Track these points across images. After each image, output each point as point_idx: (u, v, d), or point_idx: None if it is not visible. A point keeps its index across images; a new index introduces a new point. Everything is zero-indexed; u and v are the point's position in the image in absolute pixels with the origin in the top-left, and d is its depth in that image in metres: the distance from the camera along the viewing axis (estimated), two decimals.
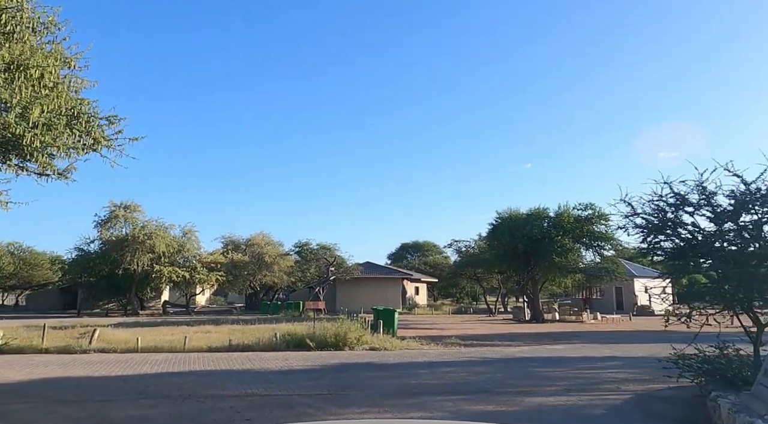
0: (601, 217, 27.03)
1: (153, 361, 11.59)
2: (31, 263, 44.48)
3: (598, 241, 27.77)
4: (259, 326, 21.23)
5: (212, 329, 19.83)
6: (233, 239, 43.38)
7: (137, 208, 34.49)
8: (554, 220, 27.52)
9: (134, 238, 32.70)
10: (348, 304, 39.54)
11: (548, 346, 15.42)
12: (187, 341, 14.18)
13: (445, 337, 18.67)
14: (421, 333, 20.58)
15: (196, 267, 34.97)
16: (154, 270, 32.66)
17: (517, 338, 18.39)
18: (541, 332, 21.79)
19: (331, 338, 14.19)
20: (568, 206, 27.65)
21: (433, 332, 21.57)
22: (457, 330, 22.47)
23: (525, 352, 13.86)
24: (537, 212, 28.03)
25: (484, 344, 16.39)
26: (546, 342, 16.84)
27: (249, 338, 15.17)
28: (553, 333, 20.83)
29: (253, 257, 40.21)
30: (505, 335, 20.20)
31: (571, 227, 26.58)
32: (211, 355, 12.78)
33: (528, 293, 28.95)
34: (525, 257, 28.14)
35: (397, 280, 41.94)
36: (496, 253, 29.07)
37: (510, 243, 27.21)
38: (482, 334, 20.56)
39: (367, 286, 40.75)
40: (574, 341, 17.20)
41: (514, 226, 27.24)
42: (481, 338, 18.55)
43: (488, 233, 29.15)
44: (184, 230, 37.13)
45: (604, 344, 15.98)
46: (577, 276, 30.52)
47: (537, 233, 26.65)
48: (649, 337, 19.17)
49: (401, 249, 76.27)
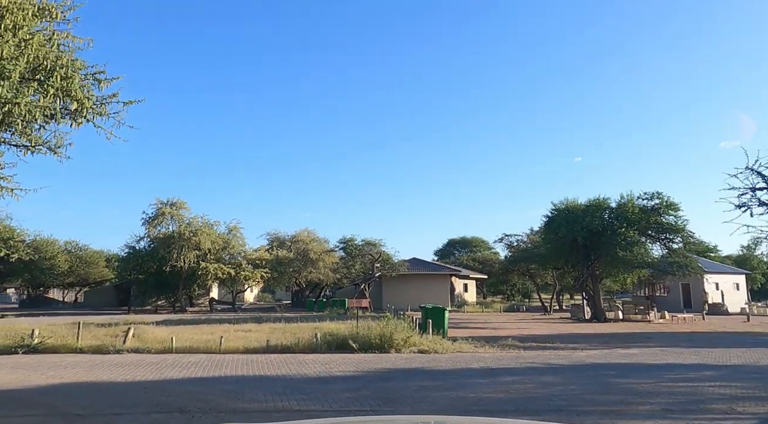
0: (670, 206, 24.62)
1: (184, 364, 10.73)
2: (87, 261, 45.69)
3: (667, 233, 25.34)
4: (301, 324, 20.33)
5: (253, 328, 19.06)
6: (278, 235, 43.10)
7: (183, 206, 34.57)
8: (616, 211, 25.29)
9: (180, 235, 32.72)
10: (394, 301, 38.35)
11: (621, 350, 13.62)
12: (225, 341, 13.33)
13: (500, 338, 17.12)
14: (472, 333, 19.09)
15: (241, 264, 34.72)
16: (200, 267, 32.58)
17: (581, 340, 16.61)
18: (606, 332, 19.83)
19: (376, 339, 12.98)
20: (631, 196, 25.36)
21: (485, 331, 20.03)
22: (512, 330, 20.82)
23: (595, 357, 12.18)
24: (597, 202, 25.85)
25: (545, 346, 14.75)
26: (616, 345, 15.01)
27: (289, 338, 14.19)
28: (621, 334, 18.85)
29: (298, 253, 39.71)
30: (565, 335, 18.42)
31: (636, 218, 24.30)
32: (246, 357, 11.82)
33: (588, 290, 26.81)
34: (584, 251, 26.03)
35: (445, 276, 40.40)
36: (552, 247, 27.06)
37: (568, 236, 25.19)
38: (540, 334, 18.85)
39: (414, 283, 39.44)
40: (649, 344, 15.26)
41: (572, 218, 25.20)
42: (540, 339, 16.88)
43: (543, 225, 27.20)
44: (229, 227, 37.02)
45: (687, 348, 14.01)
46: (642, 272, 28.06)
47: (598, 225, 24.53)
48: (735, 339, 16.94)
49: (448, 245, 74.50)
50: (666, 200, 24.72)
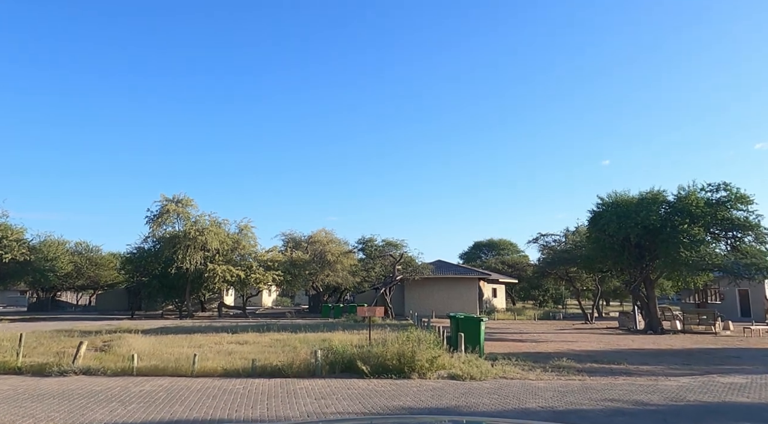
0: (741, 199, 20.96)
1: (131, 395, 7.92)
2: (97, 263, 43.84)
3: (735, 230, 21.64)
4: (309, 335, 17.48)
5: (252, 339, 16.27)
6: (294, 236, 40.46)
7: (190, 203, 32.13)
8: (676, 205, 21.72)
9: (186, 234, 30.28)
10: (417, 307, 35.36)
11: (718, 377, 10.29)
12: (204, 359, 10.53)
13: (548, 355, 13.92)
14: (512, 347, 15.91)
15: (252, 266, 32.09)
16: (207, 269, 30.07)
17: (651, 359, 13.29)
18: (673, 348, 16.38)
19: (394, 360, 9.98)
20: (694, 187, 21.76)
21: (526, 345, 16.82)
22: (557, 344, 17.55)
23: (694, 390, 8.91)
24: (652, 195, 22.30)
25: (612, 369, 11.51)
26: (704, 369, 11.66)
27: (286, 354, 11.30)
28: (695, 351, 15.40)
29: (314, 255, 36.96)
30: (626, 352, 15.08)
31: (701, 213, 20.71)
32: (220, 384, 8.96)
33: (642, 296, 23.25)
34: (637, 251, 22.51)
35: (473, 280, 37.09)
36: (599, 246, 23.56)
37: (618, 234, 21.74)
38: (595, 350, 15.55)
39: (439, 287, 36.32)
40: (746, 367, 11.84)
41: (622, 213, 21.72)
42: (599, 357, 13.62)
43: (589, 222, 23.70)
44: (239, 226, 34.46)
45: None
46: (709, 276, 24.34)
47: (655, 221, 21.02)
48: None
49: (474, 248, 70.91)
50: (735, 192, 21.08)
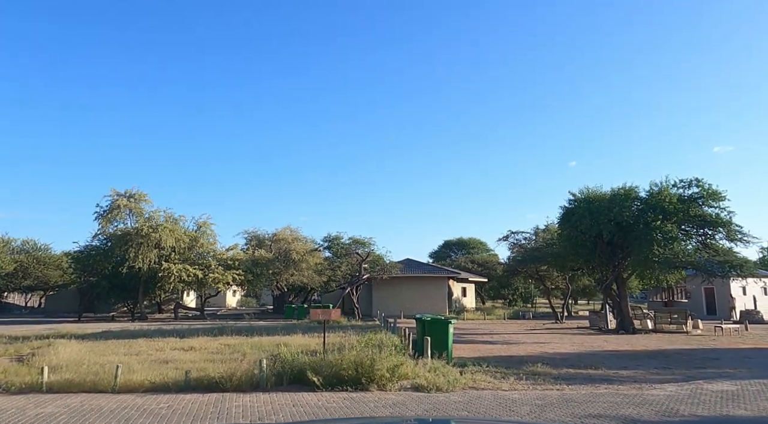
0: (713, 195, 20.54)
1: (22, 422, 6.46)
2: (45, 262, 41.15)
3: (707, 227, 21.22)
4: (264, 338, 16.08)
5: (199, 344, 14.78)
6: (257, 234, 38.77)
7: (143, 198, 30.16)
8: (649, 201, 21.17)
9: (139, 231, 28.34)
10: (386, 307, 34.20)
11: (705, 384, 9.42)
12: (131, 371, 9.08)
13: (520, 358, 12.94)
14: (482, 350, 14.89)
15: (211, 265, 30.33)
16: (162, 268, 28.19)
17: (628, 363, 12.45)
18: (649, 349, 15.66)
19: (350, 370, 8.76)
20: (666, 183, 21.24)
21: (497, 347, 15.84)
22: (529, 345, 16.65)
23: (683, 401, 7.98)
24: (624, 191, 21.71)
25: (591, 375, 10.56)
26: (685, 373, 10.83)
27: (230, 363, 9.91)
28: (672, 353, 14.69)
29: (279, 253, 35.42)
30: (600, 355, 14.25)
31: (674, 209, 20.19)
32: (141, 402, 7.57)
33: (613, 295, 22.67)
34: (610, 248, 21.90)
35: (442, 279, 36.20)
36: (570, 244, 22.87)
37: (590, 231, 21.07)
38: (569, 353, 14.69)
39: (408, 286, 35.28)
40: (729, 371, 11.08)
41: (595, 209, 21.06)
42: (574, 361, 12.72)
43: (560, 218, 22.96)
44: (198, 223, 32.64)
45: None
46: (682, 273, 23.95)
47: (628, 218, 20.40)
48: None
49: (444, 247, 70.29)
50: (708, 188, 20.65)
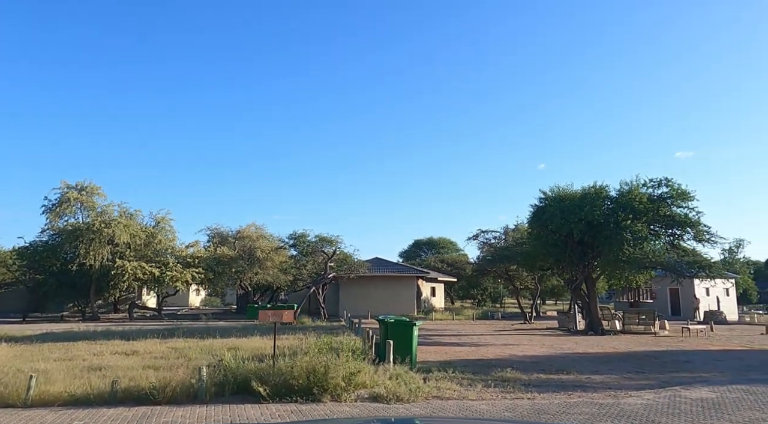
0: (682, 195, 20.38)
1: None
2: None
3: (675, 227, 21.06)
4: (218, 341, 14.98)
5: (145, 348, 13.54)
6: (220, 230, 37.23)
7: (96, 191, 28.43)
8: (619, 200, 20.88)
9: (90, 226, 26.67)
10: (353, 307, 33.32)
11: (683, 391, 8.85)
12: (44, 382, 7.95)
13: (488, 362, 12.25)
14: (449, 353, 14.16)
15: (169, 262, 28.82)
16: (115, 266, 26.58)
17: (600, 366, 11.90)
18: (618, 351, 15.23)
19: (301, 378, 7.85)
20: (636, 182, 21.00)
21: (464, 350, 15.13)
22: (498, 347, 16.02)
23: (663, 410, 7.34)
24: (595, 190, 21.39)
25: (563, 381, 9.92)
26: (659, 378, 10.30)
27: (162, 373, 8.83)
28: (642, 355, 14.26)
29: (243, 251, 34.05)
30: (571, 357, 13.71)
31: (644, 209, 19.93)
32: (54, 418, 6.50)
33: (583, 295, 22.33)
34: (580, 247, 21.54)
35: (411, 279, 35.50)
36: (541, 243, 22.45)
37: (561, 230, 20.65)
38: (538, 355, 14.10)
39: (376, 286, 34.47)
40: (704, 376, 10.61)
41: (566, 208, 20.65)
42: (544, 364, 12.11)
43: (531, 217, 22.49)
44: (156, 218, 31.04)
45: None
46: (652, 273, 23.79)
47: (599, 217, 20.05)
48: None
49: (414, 246, 69.78)
50: (677, 188, 20.48)
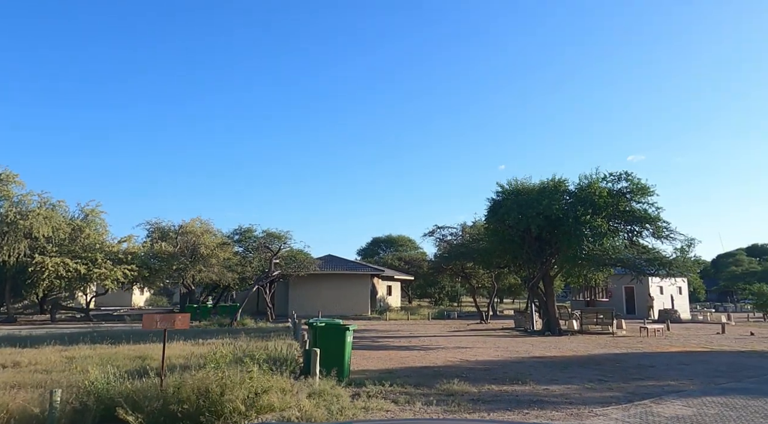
0: (642, 190, 19.58)
1: None
2: None
3: (635, 223, 20.28)
4: (128, 347, 12.97)
5: (36, 358, 11.38)
6: (160, 225, 34.51)
7: (13, 179, 25.52)
8: (579, 194, 19.91)
9: (4, 218, 23.85)
10: (304, 307, 31.48)
11: (654, 406, 7.57)
12: None
13: (436, 370, 10.78)
14: (393, 360, 12.62)
15: (97, 259, 26.19)
16: (34, 262, 23.85)
17: (558, 374, 10.60)
18: (577, 354, 14.09)
19: (191, 401, 6.11)
20: (596, 176, 20.08)
21: (412, 355, 13.63)
22: (449, 351, 14.63)
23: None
24: (554, 183, 20.37)
25: (515, 390, 8.54)
26: (628, 389, 9.07)
27: (27, 394, 6.92)
28: (602, 360, 13.12)
29: (185, 247, 31.59)
30: (528, 362, 12.43)
31: (604, 204, 19.01)
32: None
33: (540, 294, 21.29)
34: (538, 244, 20.48)
35: (366, 277, 33.96)
36: (498, 239, 21.30)
37: (519, 225, 19.51)
38: (492, 360, 12.77)
39: (329, 284, 32.77)
40: (671, 384, 9.45)
41: (524, 202, 19.51)
42: (497, 371, 10.73)
43: (487, 211, 21.26)
44: (84, 210, 28.30)
45: (758, 399, 8.24)
46: (611, 271, 22.99)
47: (557, 211, 19.00)
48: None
49: (373, 244, 68.32)
50: (637, 182, 19.67)
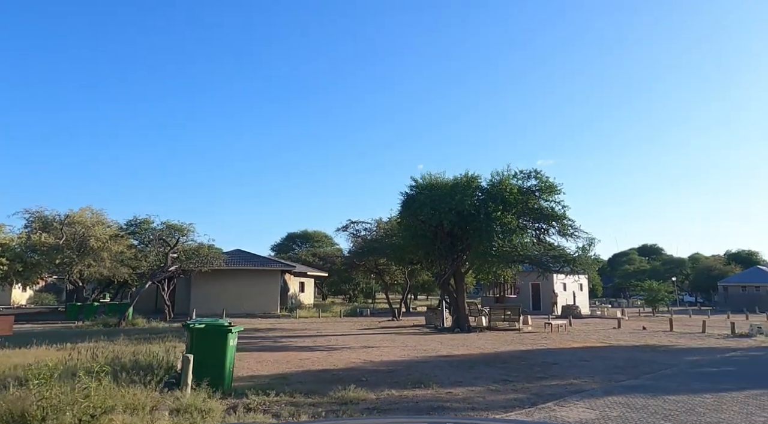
0: (549, 189, 19.91)
1: None
2: None
3: (542, 220, 20.61)
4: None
5: None
6: (43, 214, 30.82)
7: None
8: (491, 190, 19.88)
9: None
10: (207, 305, 29.39)
11: (559, 410, 7.10)
12: None
13: (334, 374, 9.86)
14: (290, 363, 11.53)
15: None
16: None
17: (463, 375, 10.09)
18: (484, 352, 13.81)
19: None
20: (507, 173, 20.15)
21: (313, 357, 12.60)
22: (354, 351, 13.81)
23: None
24: (467, 178, 20.21)
25: (416, 395, 7.81)
26: (532, 389, 8.67)
27: None
28: (508, 357, 12.89)
29: (72, 239, 28.31)
30: (434, 362, 11.89)
31: (514, 200, 19.08)
32: None
33: (451, 291, 21.08)
34: (450, 239, 20.23)
35: (275, 273, 32.37)
36: (411, 234, 20.82)
37: (431, 220, 19.12)
38: (397, 361, 12.08)
39: (235, 281, 30.86)
40: (574, 382, 9.19)
41: (437, 196, 19.15)
42: (400, 374, 10.02)
43: (401, 206, 20.69)
44: None
45: (653, 397, 8.09)
46: (519, 267, 23.27)
47: (469, 207, 18.81)
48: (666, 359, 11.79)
49: (287, 239, 66.27)
50: (545, 180, 19.97)
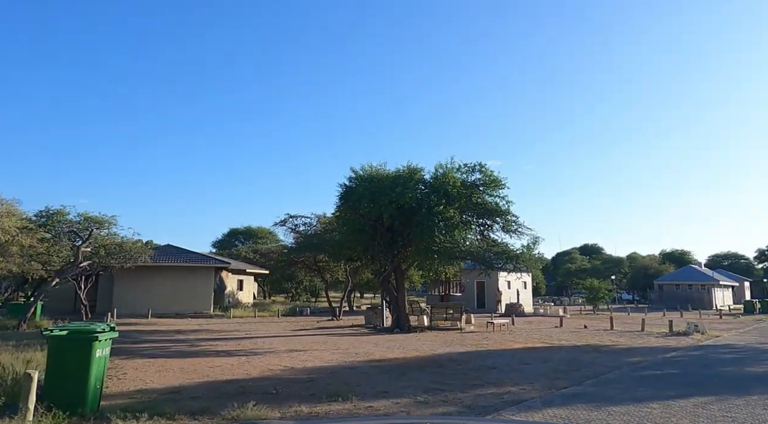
0: (494, 183, 19.22)
1: None
2: None
3: (486, 216, 19.89)
4: None
5: None
6: None
7: None
8: (433, 184, 18.96)
9: None
10: (132, 304, 27.16)
11: None
12: None
13: (241, 386, 8.50)
14: (197, 371, 10.03)
15: None
16: None
17: (392, 384, 9.00)
18: (420, 356, 12.82)
19: None
20: (451, 165, 19.28)
21: (227, 364, 11.12)
22: (278, 355, 12.47)
23: None
24: (409, 170, 19.21)
25: (328, 411, 6.63)
26: (465, 401, 7.66)
27: None
28: (445, 361, 11.93)
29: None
30: (362, 368, 10.74)
31: (458, 194, 18.24)
32: None
33: (391, 289, 20.04)
34: (390, 235, 19.17)
35: (209, 270, 30.34)
36: (350, 229, 19.61)
37: (371, 213, 17.99)
38: (321, 367, 10.86)
39: (165, 278, 28.66)
40: (510, 388, 8.32)
41: (376, 189, 18.04)
42: (319, 384, 8.80)
43: (339, 198, 19.43)
44: None
45: (593, 408, 7.24)
46: (461, 264, 22.49)
47: (410, 200, 17.81)
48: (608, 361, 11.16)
49: (229, 235, 63.59)
50: (490, 174, 19.26)
